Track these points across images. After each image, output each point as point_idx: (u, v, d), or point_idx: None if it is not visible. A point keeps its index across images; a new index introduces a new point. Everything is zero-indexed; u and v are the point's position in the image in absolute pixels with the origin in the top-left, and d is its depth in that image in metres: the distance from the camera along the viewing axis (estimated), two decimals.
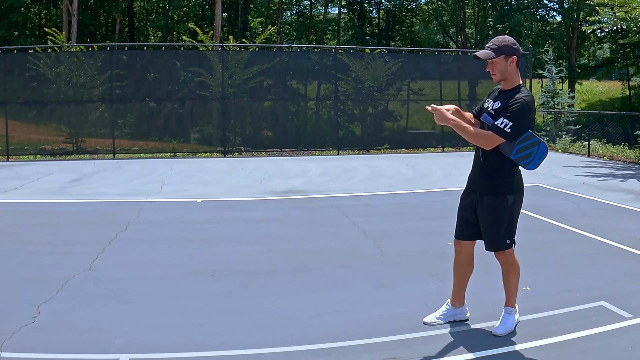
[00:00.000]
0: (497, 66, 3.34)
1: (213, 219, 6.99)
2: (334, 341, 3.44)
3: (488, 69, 3.39)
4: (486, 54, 3.32)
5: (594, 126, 17.96)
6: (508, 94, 3.37)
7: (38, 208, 7.64)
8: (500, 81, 3.42)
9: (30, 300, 4.06)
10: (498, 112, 3.35)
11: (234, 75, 15.17)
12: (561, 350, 3.30)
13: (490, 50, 3.32)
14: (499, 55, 3.31)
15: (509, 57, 3.32)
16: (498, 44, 3.32)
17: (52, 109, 14.88)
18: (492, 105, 3.45)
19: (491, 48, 3.32)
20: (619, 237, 5.84)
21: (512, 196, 3.39)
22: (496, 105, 3.40)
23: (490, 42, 3.37)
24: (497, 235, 3.41)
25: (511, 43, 3.32)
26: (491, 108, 3.43)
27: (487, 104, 3.51)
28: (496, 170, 3.41)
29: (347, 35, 32.13)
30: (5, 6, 23.44)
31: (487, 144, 3.31)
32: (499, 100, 3.41)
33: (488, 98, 3.56)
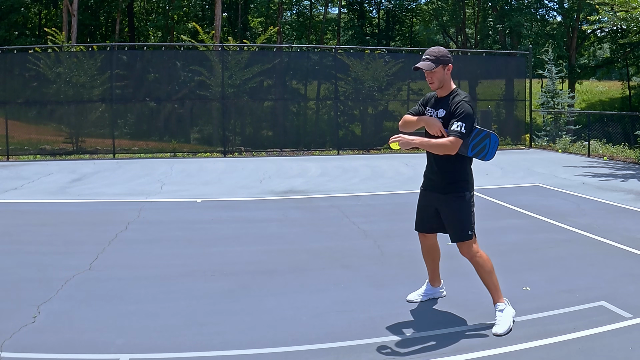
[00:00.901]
0: (436, 75, 3.59)
1: (213, 219, 6.99)
2: (334, 341, 3.43)
3: (427, 79, 3.62)
4: (427, 65, 3.55)
5: (594, 126, 17.98)
6: (447, 100, 3.63)
7: (38, 208, 7.64)
8: (437, 89, 3.66)
9: (30, 300, 4.06)
10: (446, 119, 3.57)
11: (234, 75, 15.17)
12: (561, 350, 3.30)
13: (430, 62, 3.55)
14: (438, 65, 3.56)
15: (446, 66, 3.59)
16: (436, 54, 3.57)
17: (52, 109, 14.88)
18: (435, 113, 3.66)
19: (430, 59, 3.56)
20: (619, 237, 5.84)
21: (468, 193, 3.68)
22: (440, 113, 3.62)
23: (427, 53, 3.59)
24: (460, 229, 3.66)
25: (446, 53, 3.61)
26: (437, 116, 3.63)
27: (427, 112, 3.72)
28: (454, 171, 3.67)
29: (347, 35, 32.13)
30: (5, 6, 23.44)
31: (453, 148, 3.49)
32: (441, 108, 3.63)
33: (427, 106, 3.76)
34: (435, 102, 3.71)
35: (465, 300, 4.12)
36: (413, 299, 4.07)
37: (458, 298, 4.16)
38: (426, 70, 3.56)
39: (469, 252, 3.68)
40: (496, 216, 7.13)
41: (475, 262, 3.68)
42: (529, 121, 17.45)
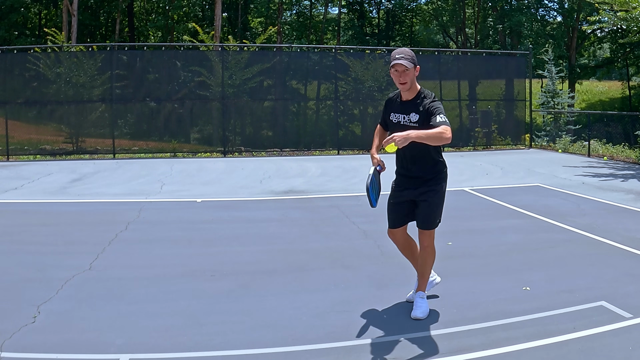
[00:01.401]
0: (409, 75, 3.63)
1: (213, 219, 6.99)
2: (334, 341, 3.43)
3: (400, 79, 3.63)
4: (408, 63, 3.61)
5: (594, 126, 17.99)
6: (415, 102, 3.69)
7: (38, 208, 7.64)
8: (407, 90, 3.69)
9: (30, 300, 4.06)
10: (422, 121, 3.61)
11: (234, 75, 15.17)
12: (561, 350, 3.30)
13: (407, 61, 3.61)
14: (412, 64, 3.64)
15: (416, 67, 3.68)
16: (410, 55, 3.66)
17: (52, 109, 14.88)
18: (406, 118, 3.70)
19: (406, 59, 3.62)
20: (619, 237, 5.84)
21: (445, 183, 3.85)
22: (413, 117, 3.67)
23: (401, 53, 3.63)
24: (433, 217, 3.81)
25: (414, 54, 3.71)
26: (410, 122, 3.67)
27: (395, 118, 3.77)
28: (432, 164, 3.78)
29: (347, 35, 32.14)
30: (5, 6, 23.44)
31: (449, 136, 3.49)
32: (412, 112, 3.68)
33: (392, 112, 3.80)
34: (402, 106, 3.74)
35: (465, 300, 4.12)
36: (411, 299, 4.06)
37: (458, 298, 4.16)
38: (406, 67, 3.59)
39: (429, 239, 3.83)
40: (496, 216, 7.14)
41: (430, 250, 3.85)
42: (529, 121, 17.45)
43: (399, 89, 3.75)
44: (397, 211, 3.90)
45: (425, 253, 3.86)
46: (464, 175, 10.82)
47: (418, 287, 3.92)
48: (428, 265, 3.89)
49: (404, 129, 3.59)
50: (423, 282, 3.91)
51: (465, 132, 17.15)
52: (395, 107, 3.80)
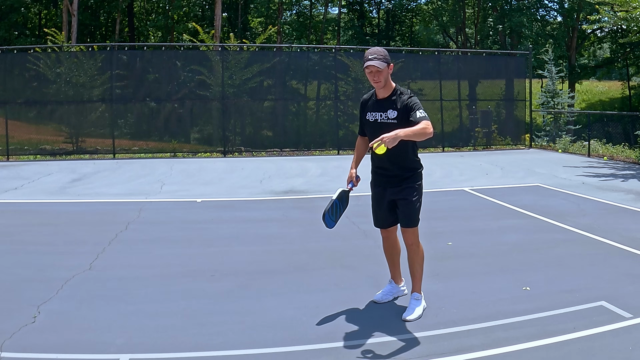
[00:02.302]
0: (383, 74, 3.67)
1: (213, 219, 6.99)
2: (334, 341, 3.43)
3: (374, 79, 3.68)
4: (380, 64, 3.63)
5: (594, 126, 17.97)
6: (391, 100, 3.74)
7: (38, 208, 7.64)
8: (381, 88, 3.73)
9: (30, 300, 4.06)
10: (400, 118, 3.67)
11: (234, 75, 15.17)
12: (561, 350, 3.30)
13: (380, 61, 3.64)
14: (385, 63, 3.66)
15: (389, 65, 3.71)
16: (382, 54, 3.68)
17: (52, 109, 14.88)
18: (384, 115, 3.73)
19: (379, 59, 3.64)
20: (619, 237, 5.84)
21: (421, 181, 3.88)
22: (391, 114, 3.71)
23: (374, 53, 3.66)
24: (414, 215, 3.82)
25: (387, 53, 3.72)
26: (388, 118, 3.71)
27: (372, 117, 3.80)
28: (410, 162, 3.83)
29: (347, 35, 32.13)
30: (5, 6, 23.43)
31: (430, 130, 3.53)
32: (389, 109, 3.72)
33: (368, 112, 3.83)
34: (378, 105, 3.79)
35: (465, 300, 4.12)
36: (379, 300, 4.07)
37: (458, 298, 4.16)
38: (379, 69, 3.62)
39: (413, 237, 3.84)
40: (496, 216, 7.13)
41: (415, 248, 3.86)
42: (529, 121, 17.45)
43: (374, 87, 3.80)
44: (379, 210, 3.97)
45: (411, 251, 3.87)
46: (464, 175, 10.82)
47: (412, 289, 3.92)
48: (417, 264, 3.89)
49: (381, 127, 3.66)
50: (415, 282, 3.91)
51: (465, 132, 17.15)
52: (371, 106, 3.84)
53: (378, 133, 3.58)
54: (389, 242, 4.07)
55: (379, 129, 3.67)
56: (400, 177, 3.82)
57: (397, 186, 3.82)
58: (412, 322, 3.71)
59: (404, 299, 4.14)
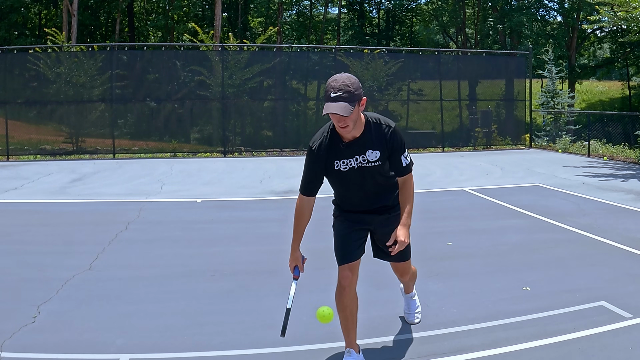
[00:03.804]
0: (352, 117, 2.73)
1: (213, 219, 6.99)
2: (334, 341, 3.43)
3: (340, 124, 2.75)
4: (345, 109, 2.67)
5: (594, 126, 17.97)
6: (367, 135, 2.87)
7: (38, 208, 7.64)
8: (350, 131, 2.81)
9: (30, 300, 4.06)
10: (384, 159, 2.91)
11: (234, 75, 15.17)
12: (561, 350, 3.30)
13: (346, 103, 2.67)
14: (354, 104, 2.71)
15: (360, 101, 2.75)
16: (349, 89, 2.68)
17: (52, 109, 14.88)
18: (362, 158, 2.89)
19: (344, 98, 2.67)
20: (619, 237, 5.84)
21: None
22: (373, 156, 2.88)
23: (338, 90, 2.68)
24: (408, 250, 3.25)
25: (358, 84, 2.75)
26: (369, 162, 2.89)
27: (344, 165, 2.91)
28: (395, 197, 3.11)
29: (347, 35, 32.13)
30: (5, 6, 23.43)
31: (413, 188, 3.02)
32: (369, 150, 2.87)
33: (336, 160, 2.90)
34: (351, 148, 2.88)
35: (465, 300, 4.12)
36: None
37: (458, 298, 4.16)
38: (343, 117, 2.69)
39: (410, 268, 3.40)
40: (496, 216, 7.13)
41: (412, 276, 3.53)
42: (529, 121, 17.45)
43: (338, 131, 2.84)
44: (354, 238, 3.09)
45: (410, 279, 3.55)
46: (464, 175, 10.82)
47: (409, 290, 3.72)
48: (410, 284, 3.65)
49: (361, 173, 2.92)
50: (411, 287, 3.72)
51: (465, 132, 17.15)
52: (338, 152, 2.89)
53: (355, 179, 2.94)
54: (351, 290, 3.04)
55: (357, 175, 2.93)
56: (385, 206, 3.09)
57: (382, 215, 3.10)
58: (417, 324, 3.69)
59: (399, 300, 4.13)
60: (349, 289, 3.02)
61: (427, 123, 17.01)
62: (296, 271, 3.15)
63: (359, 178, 2.95)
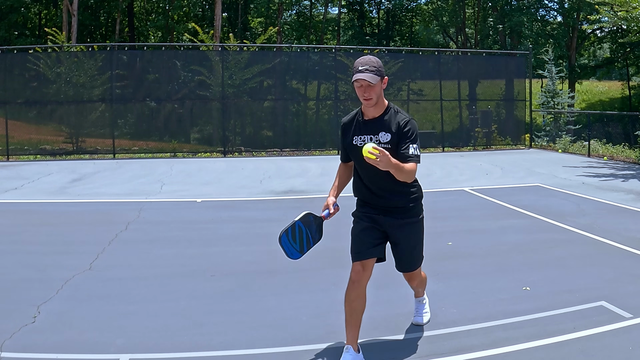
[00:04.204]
0: (375, 89, 3.03)
1: (213, 219, 6.99)
2: (334, 341, 3.43)
3: (364, 95, 3.03)
4: (373, 78, 2.99)
5: (594, 126, 17.99)
6: (384, 120, 3.10)
7: (38, 208, 7.64)
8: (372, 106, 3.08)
9: (30, 300, 4.06)
10: (394, 143, 3.05)
11: (234, 75, 15.18)
12: (561, 350, 3.30)
13: (372, 74, 2.99)
14: (379, 78, 3.03)
15: (383, 79, 3.07)
16: (376, 65, 3.03)
17: (52, 109, 14.89)
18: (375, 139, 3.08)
19: (371, 71, 3.00)
20: (619, 237, 5.84)
21: (422, 214, 3.30)
22: (384, 137, 3.07)
23: (365, 64, 3.02)
24: (418, 256, 3.34)
25: (381, 64, 3.09)
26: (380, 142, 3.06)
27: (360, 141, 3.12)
28: (409, 192, 3.20)
29: (347, 35, 32.14)
30: (5, 6, 23.43)
31: (414, 175, 3.07)
32: (382, 131, 3.08)
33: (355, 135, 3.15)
34: (366, 126, 3.13)
35: (465, 300, 4.12)
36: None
37: (458, 298, 4.16)
38: (370, 83, 2.98)
39: (418, 275, 3.46)
40: (496, 216, 7.13)
41: (420, 282, 3.57)
42: (529, 121, 17.45)
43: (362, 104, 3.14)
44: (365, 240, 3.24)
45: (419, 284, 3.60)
46: (464, 175, 10.82)
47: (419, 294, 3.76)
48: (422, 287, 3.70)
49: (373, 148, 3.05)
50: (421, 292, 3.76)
51: (465, 132, 17.16)
52: (358, 129, 3.16)
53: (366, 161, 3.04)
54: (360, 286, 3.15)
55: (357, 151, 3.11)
56: (398, 208, 3.20)
57: (396, 219, 3.20)
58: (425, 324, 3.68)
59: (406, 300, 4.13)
60: (357, 284, 3.15)
61: (427, 123, 17.01)
62: (326, 212, 3.39)
63: None
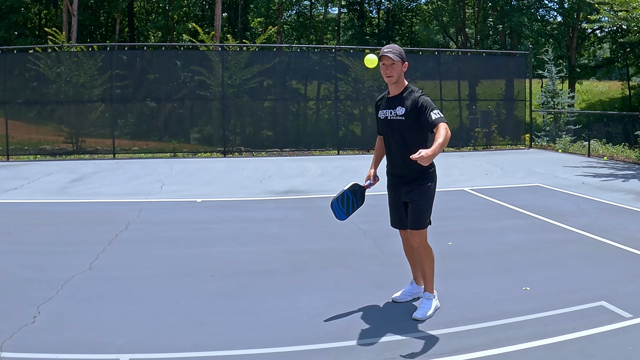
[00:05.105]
0: (395, 69, 3.72)
1: (213, 219, 6.99)
2: (334, 341, 3.43)
3: (387, 72, 3.73)
4: (394, 55, 3.68)
5: (594, 126, 17.98)
6: (401, 97, 3.76)
7: (38, 208, 7.64)
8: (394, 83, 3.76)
9: (30, 300, 4.06)
10: (407, 116, 3.69)
11: (234, 75, 15.17)
12: (561, 350, 3.30)
13: (395, 55, 3.69)
14: (400, 59, 3.70)
15: (404, 63, 3.75)
16: (398, 50, 3.73)
17: (52, 109, 14.89)
18: (392, 112, 3.76)
19: (394, 53, 3.69)
20: (619, 237, 5.84)
21: (433, 183, 3.81)
22: (400, 111, 3.72)
23: (390, 48, 3.72)
24: (422, 217, 3.78)
25: (402, 51, 3.77)
26: (396, 115, 3.73)
27: (382, 115, 3.83)
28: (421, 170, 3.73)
29: (347, 35, 32.14)
30: (5, 6, 23.44)
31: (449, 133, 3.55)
32: (398, 106, 3.74)
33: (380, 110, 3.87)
34: (388, 102, 3.82)
35: (465, 300, 4.12)
36: (399, 299, 4.08)
37: (458, 298, 4.16)
38: (392, 60, 3.66)
39: (420, 239, 3.80)
40: (496, 216, 7.14)
41: (422, 250, 3.84)
42: (529, 121, 17.45)
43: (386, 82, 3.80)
44: (394, 212, 3.96)
45: (419, 254, 3.88)
46: (464, 175, 10.82)
47: (425, 289, 3.92)
48: (426, 265, 3.86)
49: (390, 125, 3.75)
50: (427, 283, 3.90)
51: (465, 132, 17.16)
52: (383, 105, 3.87)
53: (389, 131, 3.77)
54: (407, 243, 4.02)
55: (389, 127, 3.76)
56: (410, 177, 3.78)
57: (407, 186, 3.79)
58: (422, 321, 3.70)
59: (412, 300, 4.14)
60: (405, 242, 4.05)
61: None
62: (368, 182, 4.00)
63: (389, 129, 3.78)
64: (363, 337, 3.49)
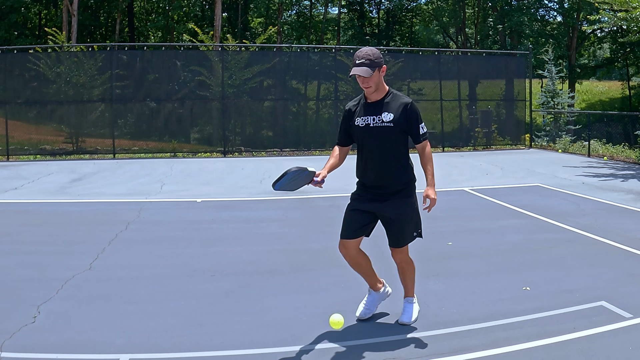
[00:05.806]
0: (373, 79, 3.40)
1: (213, 219, 6.99)
2: (333, 341, 3.43)
3: (363, 84, 3.42)
4: (365, 71, 3.34)
5: (594, 126, 17.98)
6: (384, 102, 3.48)
7: (38, 208, 7.64)
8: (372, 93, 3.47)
9: (30, 300, 4.06)
10: (396, 122, 3.43)
11: (234, 75, 15.18)
12: (561, 350, 3.30)
13: (366, 67, 3.35)
14: (374, 69, 3.37)
15: (381, 69, 3.42)
16: (371, 57, 3.37)
17: (52, 109, 14.89)
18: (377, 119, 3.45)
19: (366, 64, 3.35)
20: (619, 237, 5.84)
21: (415, 194, 3.59)
22: (387, 117, 3.43)
23: (362, 57, 3.37)
24: (407, 234, 3.60)
25: (379, 54, 3.43)
26: (383, 122, 3.43)
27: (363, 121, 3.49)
28: (405, 174, 3.55)
29: (347, 35, 32.14)
30: (5, 6, 23.43)
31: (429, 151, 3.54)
32: (384, 112, 3.45)
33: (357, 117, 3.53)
34: (369, 108, 3.49)
35: (465, 300, 4.12)
36: (363, 316, 3.75)
37: (458, 298, 4.16)
38: (364, 77, 3.36)
39: (403, 255, 3.64)
40: (496, 216, 7.13)
41: (405, 265, 3.69)
42: (529, 121, 17.45)
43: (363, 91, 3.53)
44: (356, 220, 3.58)
45: (401, 268, 3.72)
46: (464, 175, 10.82)
47: (406, 294, 3.79)
48: (409, 277, 3.74)
49: (373, 132, 3.44)
50: (408, 290, 3.78)
51: (465, 132, 17.16)
52: (360, 111, 3.52)
53: (369, 139, 3.46)
54: (352, 256, 3.61)
55: (368, 135, 3.46)
56: (391, 189, 3.50)
57: (388, 200, 3.50)
58: (409, 325, 3.68)
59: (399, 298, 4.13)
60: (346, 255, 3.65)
61: (427, 123, 16.82)
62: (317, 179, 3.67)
63: (370, 137, 3.47)
64: (363, 337, 3.49)
